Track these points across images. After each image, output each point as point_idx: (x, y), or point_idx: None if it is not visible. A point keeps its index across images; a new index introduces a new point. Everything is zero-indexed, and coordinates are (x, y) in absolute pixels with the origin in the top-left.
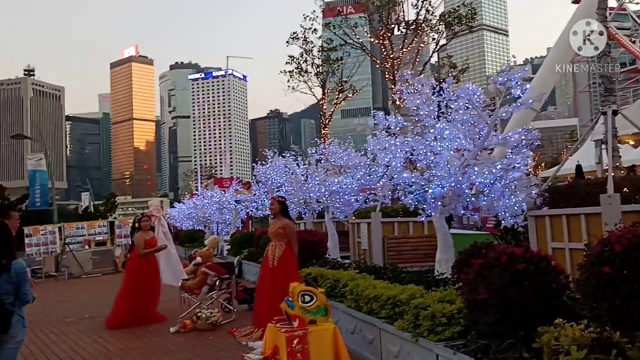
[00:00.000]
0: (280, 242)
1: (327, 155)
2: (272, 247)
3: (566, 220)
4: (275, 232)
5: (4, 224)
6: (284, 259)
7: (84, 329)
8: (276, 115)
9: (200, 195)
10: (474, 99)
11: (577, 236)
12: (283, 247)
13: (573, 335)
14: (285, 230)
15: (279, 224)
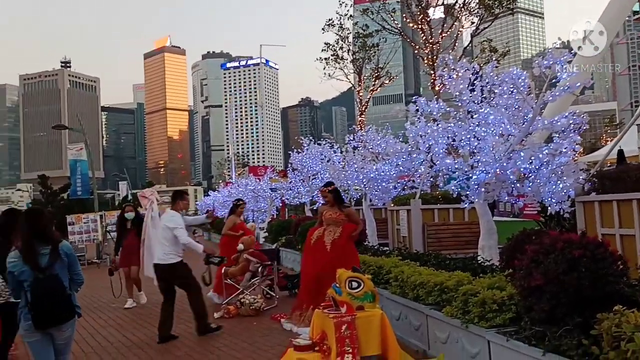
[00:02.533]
0: (338, 227)
1: (364, 142)
2: (328, 233)
3: (617, 206)
4: (336, 218)
5: (38, 211)
6: (341, 245)
7: (130, 314)
8: (307, 103)
9: (235, 184)
10: (519, 83)
11: (628, 222)
12: (340, 231)
13: (635, 322)
14: (350, 217)
15: (344, 211)
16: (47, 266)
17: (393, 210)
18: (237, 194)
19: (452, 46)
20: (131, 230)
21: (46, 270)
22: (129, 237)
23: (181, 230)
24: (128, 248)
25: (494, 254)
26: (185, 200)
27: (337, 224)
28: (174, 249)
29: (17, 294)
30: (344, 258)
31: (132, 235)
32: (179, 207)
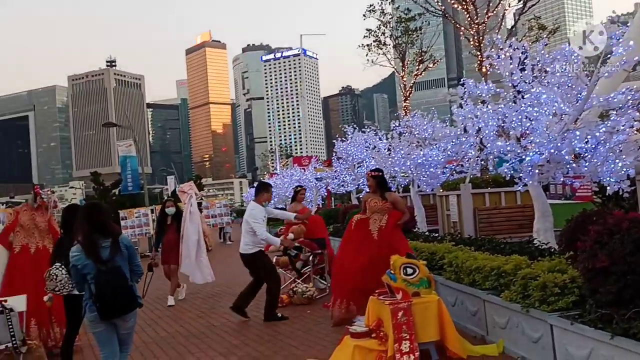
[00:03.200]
0: (383, 215)
1: (410, 127)
2: (373, 221)
3: None
4: (381, 206)
5: (98, 205)
6: (387, 232)
7: (185, 304)
8: (348, 91)
9: (280, 175)
10: (572, 60)
11: None
12: (386, 219)
13: None
14: (395, 205)
15: (388, 198)
16: (109, 259)
17: (442, 195)
18: (282, 184)
19: (498, 26)
20: (171, 226)
21: (108, 262)
22: (169, 233)
23: (259, 225)
24: (168, 244)
25: (550, 237)
26: (269, 192)
27: (382, 212)
28: (253, 240)
29: (81, 287)
30: (392, 245)
31: (172, 231)
32: (262, 199)
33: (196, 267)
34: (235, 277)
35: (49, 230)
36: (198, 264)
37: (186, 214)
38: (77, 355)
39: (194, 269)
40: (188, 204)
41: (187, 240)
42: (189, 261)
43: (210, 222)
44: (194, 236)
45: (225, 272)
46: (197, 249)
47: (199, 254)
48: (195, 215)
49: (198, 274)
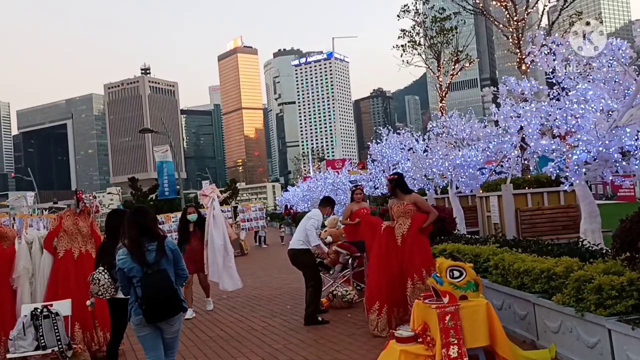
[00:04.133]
0: (407, 218)
1: (448, 128)
2: (399, 226)
3: None
4: (404, 209)
5: (145, 209)
6: (409, 238)
7: (224, 308)
8: (379, 94)
9: (313, 178)
10: (619, 54)
11: None
12: (409, 223)
13: None
14: (417, 205)
15: (406, 200)
16: (155, 262)
17: (482, 196)
18: (315, 188)
19: (538, 23)
20: (195, 234)
21: (154, 265)
22: (192, 241)
23: (312, 229)
24: (192, 253)
25: (598, 238)
26: (332, 207)
27: (407, 216)
28: (303, 237)
29: (127, 290)
30: (413, 257)
31: (195, 238)
32: (325, 212)
33: (225, 273)
34: (272, 280)
35: (92, 235)
36: (227, 269)
37: (209, 218)
38: (121, 358)
39: (222, 276)
40: (211, 207)
41: (212, 246)
42: (217, 267)
43: (246, 226)
44: (220, 241)
45: (263, 275)
46: (224, 255)
47: (227, 260)
48: (219, 219)
49: (228, 280)
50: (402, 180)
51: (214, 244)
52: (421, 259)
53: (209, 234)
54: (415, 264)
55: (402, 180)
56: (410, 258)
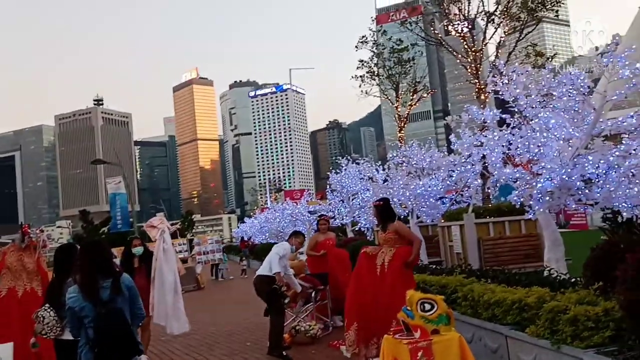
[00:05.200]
0: (391, 247)
1: (408, 157)
2: (380, 254)
3: None
4: (385, 237)
5: (99, 243)
6: (391, 272)
7: (180, 346)
8: (335, 125)
9: (271, 209)
10: (578, 83)
11: None
12: (393, 251)
13: None
14: (399, 233)
15: (389, 228)
16: (109, 300)
17: (444, 226)
18: (273, 219)
19: (495, 53)
20: (140, 270)
21: (108, 304)
22: (137, 278)
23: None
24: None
25: (562, 267)
26: (299, 239)
27: (389, 244)
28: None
29: (77, 332)
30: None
31: (141, 275)
32: (291, 243)
33: (173, 314)
34: (231, 316)
35: (38, 272)
36: (175, 310)
37: (158, 252)
38: None
39: (170, 318)
40: (160, 240)
41: (161, 284)
42: (164, 308)
43: (202, 259)
44: (171, 278)
45: (221, 310)
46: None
47: (176, 300)
48: (171, 253)
49: (175, 322)
50: (385, 207)
51: (163, 282)
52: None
53: (157, 270)
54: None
55: (386, 206)
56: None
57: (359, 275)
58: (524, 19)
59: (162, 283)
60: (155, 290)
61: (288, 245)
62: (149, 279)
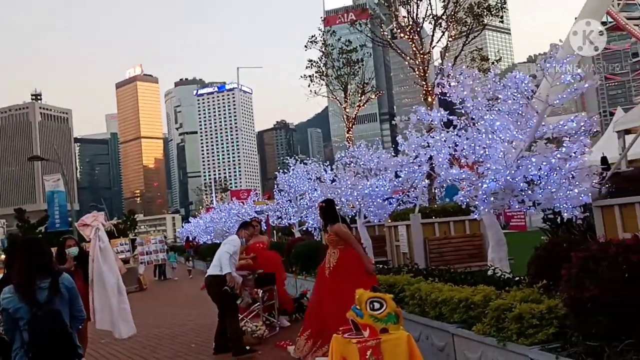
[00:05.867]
0: (334, 249)
1: (356, 158)
2: (328, 255)
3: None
4: (328, 239)
5: (38, 240)
6: (338, 267)
7: (122, 349)
8: (282, 126)
9: (217, 209)
10: (522, 87)
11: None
12: (337, 254)
13: None
14: (338, 235)
15: (330, 230)
16: (47, 301)
17: (391, 226)
18: (219, 219)
19: (442, 56)
20: (76, 272)
21: (45, 305)
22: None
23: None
24: None
25: (505, 266)
26: (248, 230)
27: (333, 246)
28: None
29: (11, 335)
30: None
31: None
32: (240, 236)
33: (120, 317)
34: (175, 317)
35: None
36: (122, 312)
37: (94, 252)
38: None
39: (117, 321)
40: (95, 239)
41: (102, 286)
42: (109, 312)
43: (145, 259)
44: (112, 279)
45: (164, 311)
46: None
47: (121, 301)
48: (109, 252)
49: (123, 325)
50: (328, 208)
51: (105, 284)
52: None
53: (95, 272)
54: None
55: (329, 207)
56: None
57: (318, 279)
58: (470, 24)
59: (104, 285)
60: (96, 294)
61: (237, 239)
62: (87, 283)
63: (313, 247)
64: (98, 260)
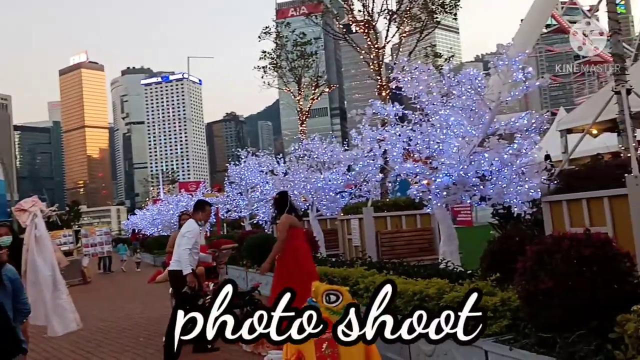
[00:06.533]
0: (281, 242)
1: (310, 151)
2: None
3: (587, 204)
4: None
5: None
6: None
7: (66, 343)
8: (232, 118)
9: (165, 201)
10: (476, 83)
11: (600, 220)
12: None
13: None
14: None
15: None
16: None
17: (344, 219)
18: (167, 211)
19: (397, 51)
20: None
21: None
22: None
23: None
24: None
25: (456, 259)
26: (206, 211)
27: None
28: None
29: None
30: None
31: None
32: (197, 218)
33: (53, 313)
34: (122, 311)
35: None
36: (57, 308)
37: (29, 241)
38: None
39: (50, 317)
40: (31, 226)
41: (36, 279)
42: (43, 307)
43: (90, 251)
44: (47, 271)
45: (110, 305)
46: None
47: (57, 296)
48: (45, 241)
49: (58, 322)
50: (280, 201)
51: (38, 276)
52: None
53: (29, 263)
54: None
55: (281, 200)
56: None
57: None
58: (424, 20)
59: (37, 277)
60: (29, 286)
61: (194, 224)
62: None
63: (264, 240)
64: (32, 250)
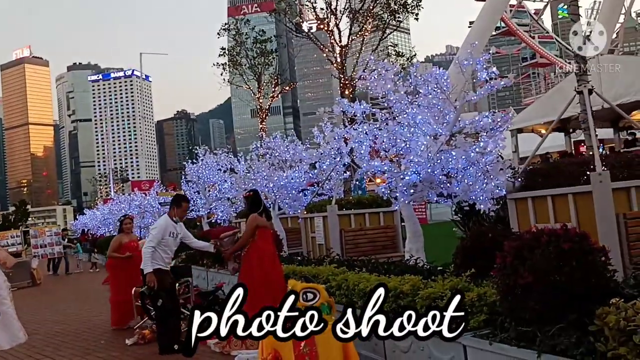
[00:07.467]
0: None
1: (272, 149)
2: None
3: (551, 201)
4: None
5: None
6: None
7: (21, 348)
8: (183, 115)
9: (116, 200)
10: (442, 82)
11: (564, 217)
12: (248, 246)
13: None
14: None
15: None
16: None
17: (307, 217)
18: (119, 210)
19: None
20: None
21: None
22: None
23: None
24: None
25: (422, 256)
26: (182, 207)
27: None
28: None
29: None
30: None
31: None
32: (173, 214)
33: None
34: (78, 313)
35: None
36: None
37: None
38: None
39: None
40: None
41: None
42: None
43: (40, 252)
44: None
45: (65, 307)
46: None
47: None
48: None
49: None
50: (251, 199)
51: None
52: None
53: None
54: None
55: (252, 198)
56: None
57: None
58: (386, 19)
59: None
60: None
61: (165, 220)
62: None
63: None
64: None
